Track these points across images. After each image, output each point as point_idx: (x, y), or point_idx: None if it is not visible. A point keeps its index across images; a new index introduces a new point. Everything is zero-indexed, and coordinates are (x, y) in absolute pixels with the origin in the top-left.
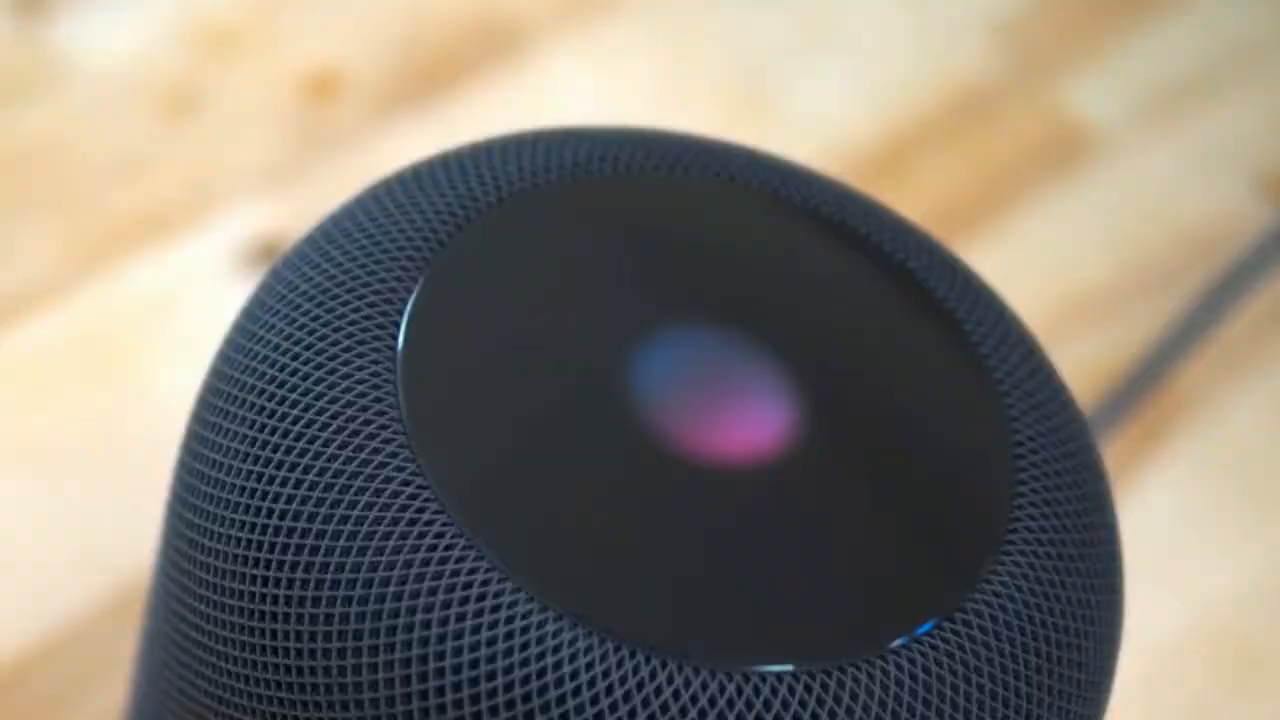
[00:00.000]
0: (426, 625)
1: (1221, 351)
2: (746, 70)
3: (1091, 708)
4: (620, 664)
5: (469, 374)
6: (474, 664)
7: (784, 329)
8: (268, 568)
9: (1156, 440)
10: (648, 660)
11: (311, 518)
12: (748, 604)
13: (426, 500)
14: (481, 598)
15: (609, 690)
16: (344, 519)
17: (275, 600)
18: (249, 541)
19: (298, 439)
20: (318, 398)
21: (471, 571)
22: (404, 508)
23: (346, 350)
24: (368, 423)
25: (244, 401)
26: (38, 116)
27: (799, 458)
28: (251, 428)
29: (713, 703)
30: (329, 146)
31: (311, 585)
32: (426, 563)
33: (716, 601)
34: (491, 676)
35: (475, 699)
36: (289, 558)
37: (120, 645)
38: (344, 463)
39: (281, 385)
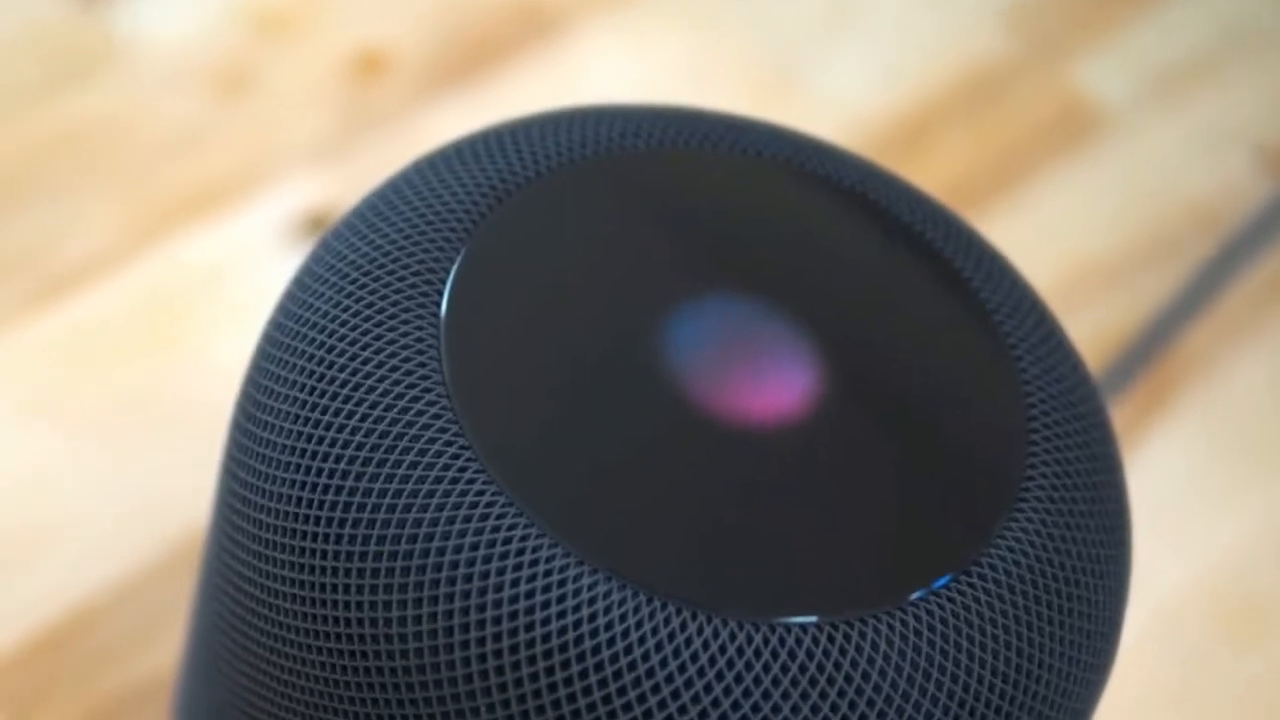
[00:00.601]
0: (468, 579)
1: (1224, 318)
2: (772, 52)
3: (1100, 657)
4: (652, 616)
5: (509, 340)
6: (513, 616)
7: (808, 297)
8: (316, 523)
9: (1162, 403)
10: (679, 613)
11: (358, 476)
12: (774, 559)
13: (468, 460)
14: (520, 553)
15: (641, 641)
16: (389, 478)
17: (323, 554)
18: (298, 499)
19: (345, 401)
20: (364, 362)
21: (511, 528)
22: (446, 467)
23: (392, 317)
24: (412, 386)
25: (294, 366)
26: (99, 96)
27: (822, 420)
28: (301, 390)
29: (740, 653)
30: (375, 124)
31: (358, 541)
32: (468, 519)
33: (744, 557)
34: (530, 628)
35: (515, 649)
36: (337, 514)
37: (177, 596)
38: (389, 424)
39: (330, 350)
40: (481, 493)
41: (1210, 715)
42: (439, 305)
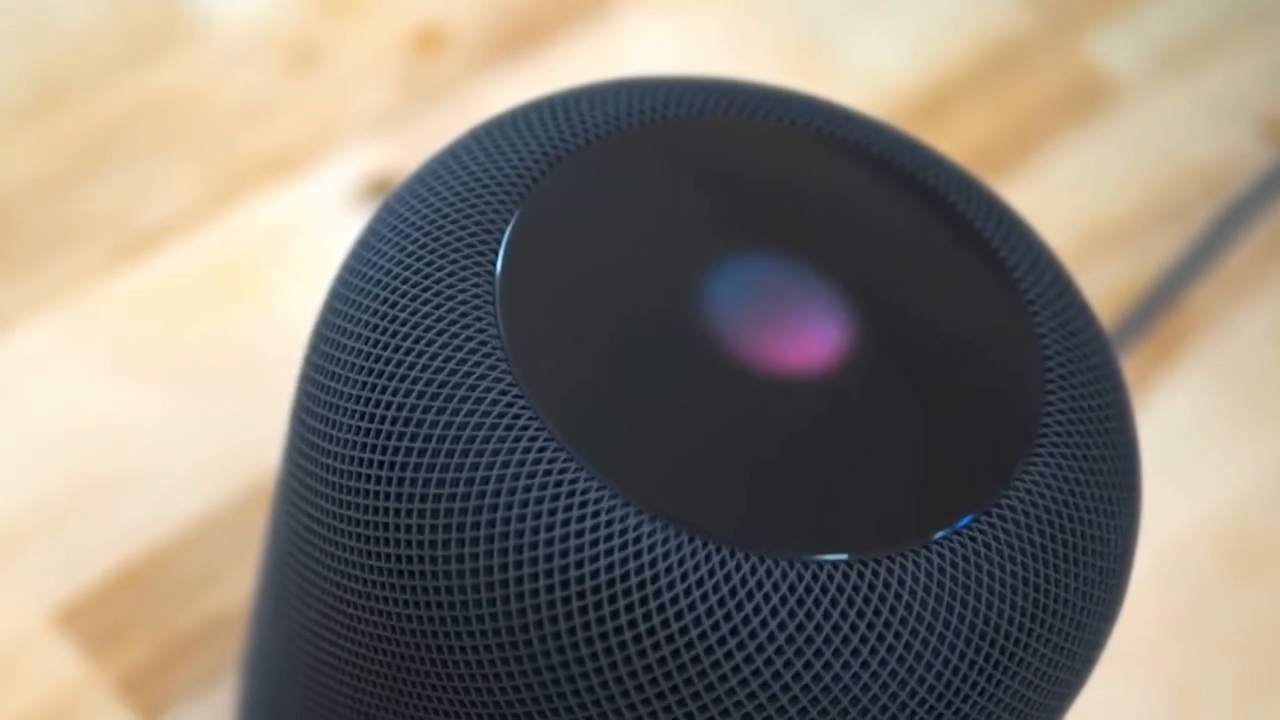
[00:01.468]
0: (522, 520)
1: (1228, 276)
2: (804, 27)
3: (1112, 593)
4: (694, 554)
5: (560, 297)
6: (564, 554)
7: (839, 256)
8: (379, 468)
9: (1170, 355)
10: (719, 551)
11: (419, 424)
12: (807, 501)
13: (522, 409)
14: (571, 495)
15: (684, 577)
16: (448, 425)
17: (386, 497)
18: (363, 444)
19: (406, 354)
20: (424, 318)
21: (562, 472)
22: (501, 415)
23: (450, 276)
24: (469, 339)
25: (358, 320)
26: (175, 70)
27: (852, 370)
28: (365, 343)
29: (776, 588)
30: (434, 95)
31: (419, 484)
32: (522, 465)
33: (780, 499)
34: (580, 565)
35: (565, 586)
36: (399, 459)
37: (249, 536)
38: (448, 375)
39: (392, 306)
40: (534, 439)
41: (1214, 644)
42: (494, 264)
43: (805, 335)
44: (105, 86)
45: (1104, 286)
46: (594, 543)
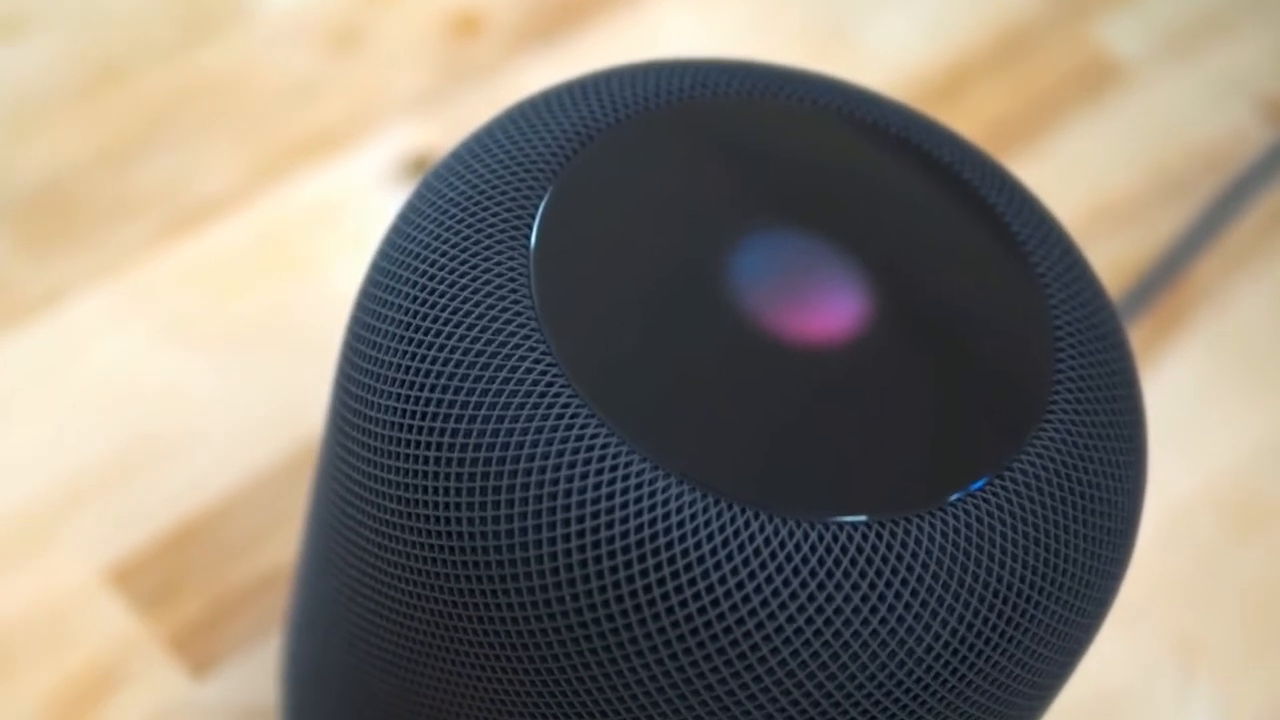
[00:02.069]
0: (555, 482)
1: (1229, 250)
2: (826, 12)
3: (1119, 552)
4: (719, 516)
5: (591, 269)
6: (595, 515)
7: (858, 230)
8: (418, 432)
9: (1174, 325)
10: (742, 512)
11: (457, 390)
12: (827, 464)
13: (555, 376)
14: (601, 459)
15: (709, 538)
16: (484, 391)
17: (424, 460)
18: (403, 410)
19: (445, 323)
20: (462, 289)
21: (593, 437)
22: (535, 382)
23: (486, 249)
24: (505, 310)
25: (399, 291)
26: (224, 53)
27: (871, 340)
28: (405, 313)
29: (798, 548)
30: (471, 77)
31: (456, 448)
32: (555, 429)
33: (801, 462)
34: (610, 526)
35: (596, 545)
36: (437, 424)
37: (295, 497)
38: (484, 344)
39: (431, 278)
40: (567, 405)
41: (1216, 602)
42: (529, 237)
43: (826, 306)
44: (158, 69)
45: (1111, 259)
46: (623, 505)
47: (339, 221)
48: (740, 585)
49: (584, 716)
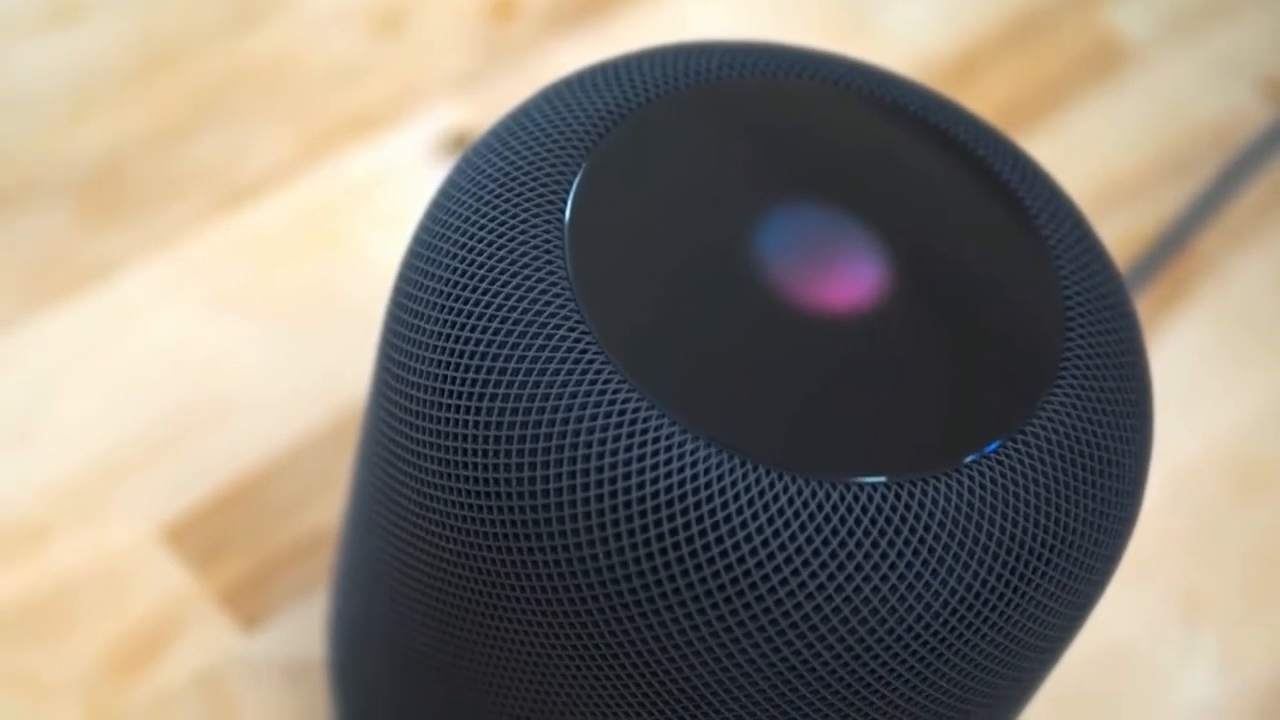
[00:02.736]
0: (588, 445)
1: (1232, 224)
2: None
3: (1126, 512)
4: (745, 476)
5: (623, 241)
6: (626, 476)
7: (878, 204)
8: (458, 397)
9: (1179, 295)
10: (767, 473)
11: (495, 357)
12: (848, 427)
13: (588, 344)
14: (632, 422)
15: (736, 498)
16: (521, 358)
17: (463, 424)
18: (443, 375)
19: (483, 294)
20: (500, 261)
21: (625, 401)
22: (570, 349)
23: (523, 222)
24: (540, 280)
25: (440, 263)
26: (272, 37)
27: (889, 308)
28: (446, 284)
29: (820, 507)
30: (508, 58)
31: (494, 412)
32: (588, 394)
33: (822, 426)
34: (641, 486)
35: (628, 504)
36: (476, 389)
37: (340, 460)
38: (521, 313)
39: (470, 250)
40: (600, 371)
41: (1219, 559)
42: (563, 211)
43: (846, 276)
44: (208, 51)
45: (1119, 233)
46: (654, 466)
47: (382, 197)
48: (765, 542)
49: (615, 667)
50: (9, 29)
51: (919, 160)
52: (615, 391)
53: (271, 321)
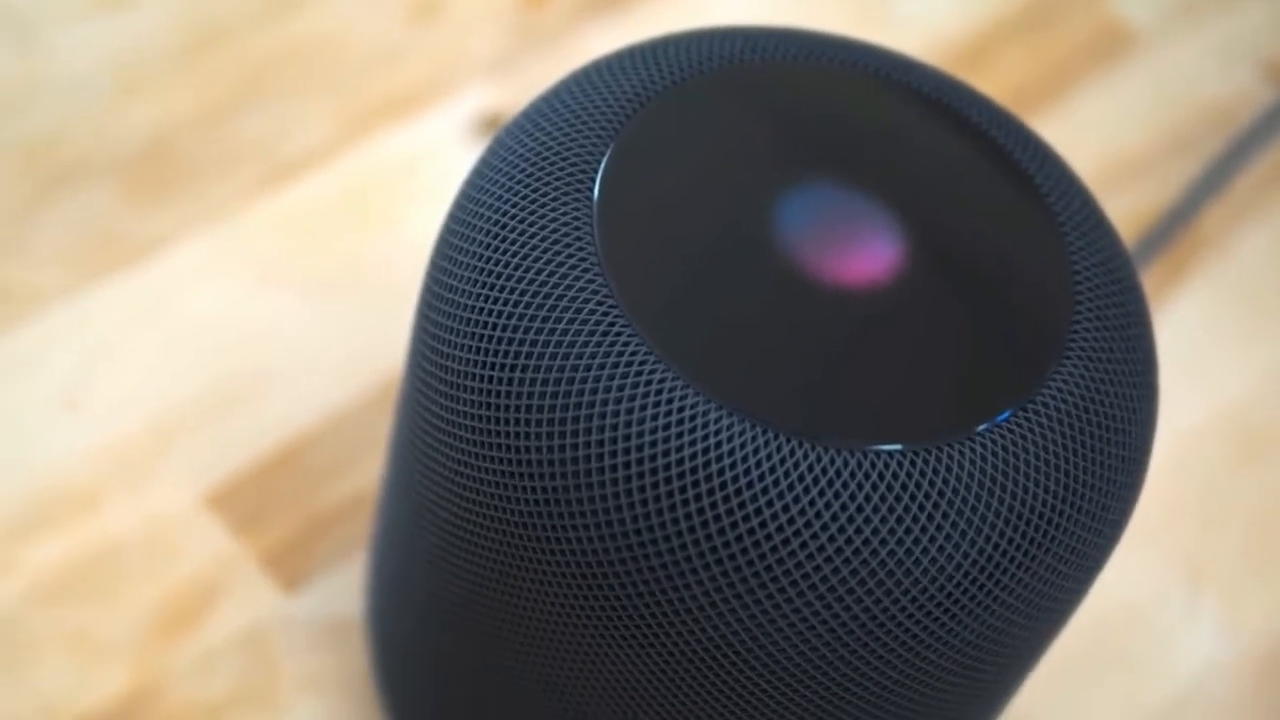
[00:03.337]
0: (615, 414)
1: (1234, 201)
2: None
3: (1133, 478)
4: (767, 444)
5: (649, 219)
6: (653, 444)
7: (894, 183)
8: (491, 367)
9: (1183, 270)
10: (788, 441)
11: (526, 329)
12: (865, 397)
13: (616, 317)
14: (659, 392)
15: (757, 465)
16: (551, 331)
17: (497, 394)
18: (477, 347)
19: (515, 269)
20: (531, 237)
21: (651, 372)
22: (598, 322)
23: (553, 200)
24: (570, 257)
25: (473, 239)
26: (313, 21)
27: (905, 283)
28: (479, 259)
29: (839, 474)
30: (540, 42)
31: (526, 383)
32: (615, 365)
33: (841, 395)
34: (667, 454)
35: (654, 471)
36: (508, 360)
37: (378, 427)
38: (551, 287)
39: (503, 227)
40: (627, 344)
41: (1222, 522)
42: (592, 190)
43: (864, 253)
44: (253, 34)
45: (1125, 210)
46: (679, 434)
47: (419, 175)
48: (786, 507)
49: (639, 627)
50: (61, 14)
51: (934, 141)
52: (642, 363)
53: (313, 294)
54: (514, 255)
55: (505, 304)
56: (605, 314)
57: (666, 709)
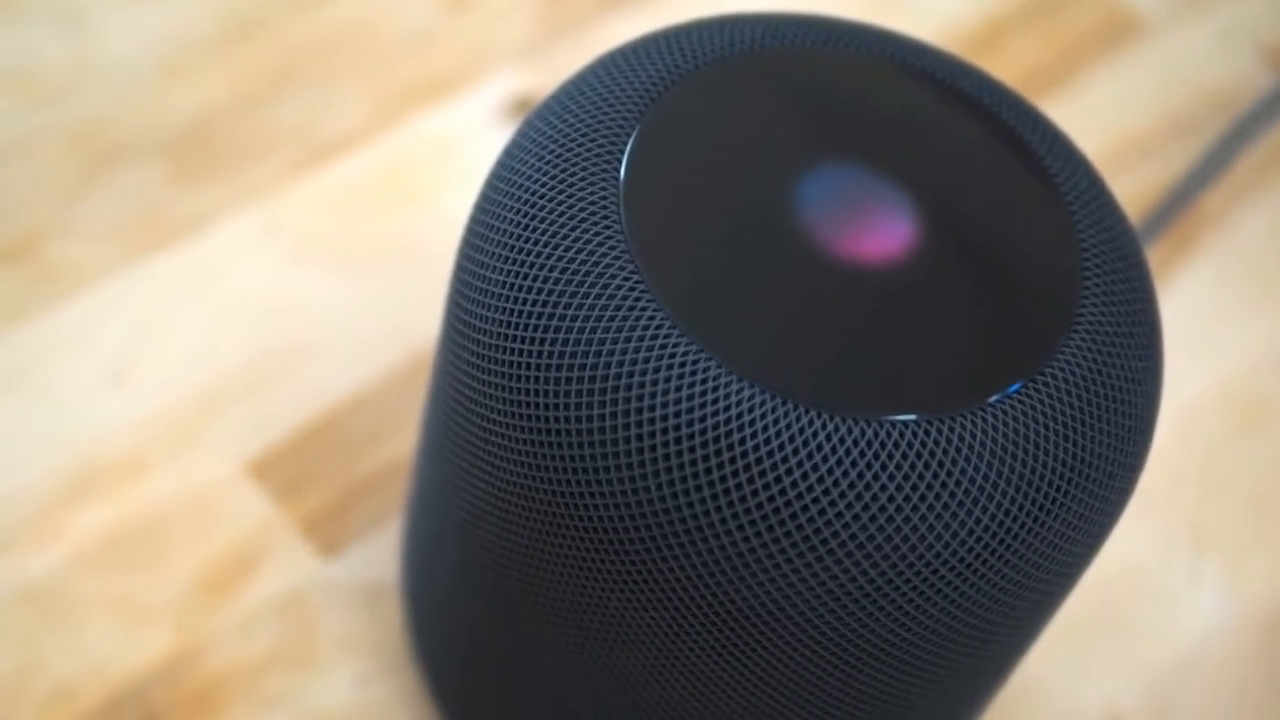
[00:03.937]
0: (640, 385)
1: (1235, 181)
2: None
3: (1138, 447)
4: (786, 415)
5: (673, 200)
6: (676, 414)
7: (909, 164)
8: (521, 341)
9: (1187, 247)
10: (805, 411)
11: (554, 304)
12: (881, 370)
13: (641, 292)
14: (682, 364)
15: (777, 434)
16: (579, 305)
17: (526, 366)
18: (507, 322)
19: (544, 246)
20: (559, 215)
21: (674, 345)
22: (624, 298)
23: (581, 181)
24: (597, 234)
25: (504, 218)
26: (348, 8)
27: (919, 260)
28: (509, 237)
29: (855, 443)
30: (568, 28)
31: (554, 355)
32: (640, 339)
33: (858, 368)
34: (690, 424)
35: (678, 440)
36: (537, 334)
37: (413, 399)
38: (580, 264)
39: (532, 206)
40: (651, 318)
41: (1223, 490)
42: (619, 170)
43: (880, 231)
44: (290, 21)
45: (1131, 190)
46: (701, 405)
47: (452, 156)
48: (804, 475)
49: (663, 591)
50: (108, 2)
51: (947, 123)
52: (666, 337)
53: (351, 270)
54: (543, 233)
55: (534, 280)
56: (631, 290)
57: (691, 668)
